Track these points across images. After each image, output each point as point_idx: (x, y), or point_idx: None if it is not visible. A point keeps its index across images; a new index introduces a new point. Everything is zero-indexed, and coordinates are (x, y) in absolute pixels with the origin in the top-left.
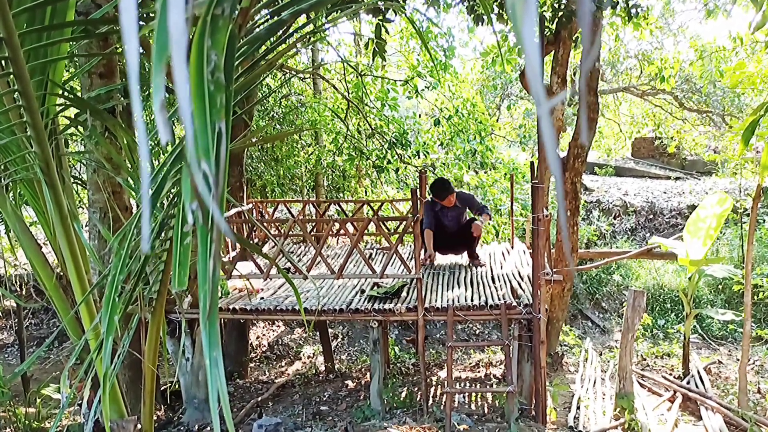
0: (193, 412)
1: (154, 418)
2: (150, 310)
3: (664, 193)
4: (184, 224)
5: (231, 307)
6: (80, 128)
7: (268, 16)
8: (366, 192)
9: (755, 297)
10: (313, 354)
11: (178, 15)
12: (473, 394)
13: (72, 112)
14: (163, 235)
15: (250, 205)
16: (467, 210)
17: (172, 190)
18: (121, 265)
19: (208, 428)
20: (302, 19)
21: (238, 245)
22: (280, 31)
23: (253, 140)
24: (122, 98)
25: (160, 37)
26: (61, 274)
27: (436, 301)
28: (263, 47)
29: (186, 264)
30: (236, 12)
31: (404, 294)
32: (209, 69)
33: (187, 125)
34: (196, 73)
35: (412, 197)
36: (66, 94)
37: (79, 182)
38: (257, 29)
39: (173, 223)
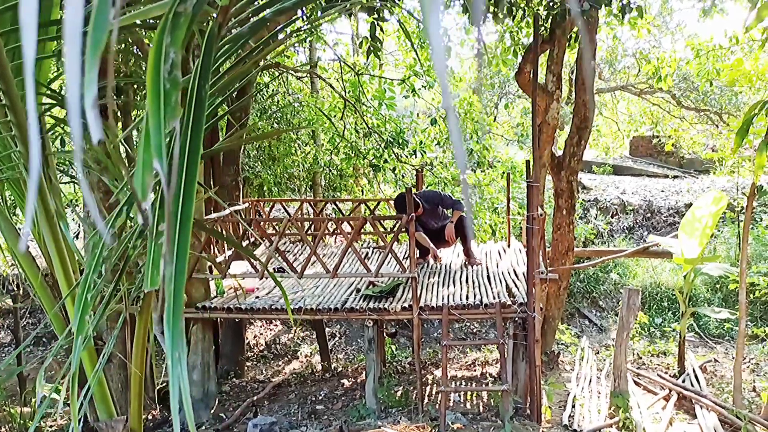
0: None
1: (149, 417)
2: (137, 309)
3: (662, 191)
4: (161, 222)
5: (226, 306)
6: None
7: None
8: (363, 191)
9: (752, 295)
10: (311, 353)
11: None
12: (469, 392)
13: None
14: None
15: (246, 204)
16: (439, 206)
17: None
18: (95, 264)
19: (203, 428)
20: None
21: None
22: (281, 27)
23: (247, 138)
24: (115, 97)
25: (96, 33)
26: (47, 273)
27: (431, 299)
28: (255, 45)
29: (159, 263)
30: (199, 11)
31: (399, 293)
32: (166, 66)
33: (75, 117)
34: (153, 71)
35: (408, 197)
36: (50, 93)
37: (76, 182)
38: (239, 28)
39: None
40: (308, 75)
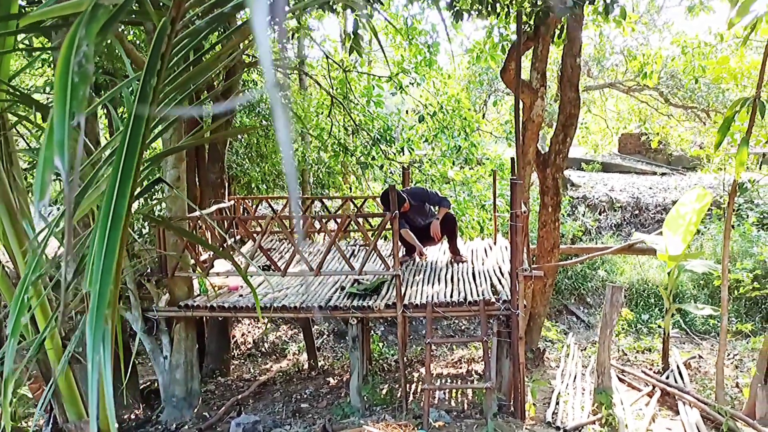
0: (172, 410)
1: (131, 416)
2: None
3: (650, 188)
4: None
5: (209, 304)
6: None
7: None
8: (351, 188)
9: (736, 291)
10: (299, 351)
11: None
12: (453, 390)
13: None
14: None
15: (232, 202)
16: (426, 203)
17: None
18: (35, 264)
19: (186, 427)
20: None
21: (218, 243)
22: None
23: (224, 132)
24: (93, 94)
25: None
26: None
27: (415, 297)
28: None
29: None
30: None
31: (384, 291)
32: (77, 59)
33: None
34: (63, 63)
35: (391, 193)
36: (11, 89)
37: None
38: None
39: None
40: (296, 72)
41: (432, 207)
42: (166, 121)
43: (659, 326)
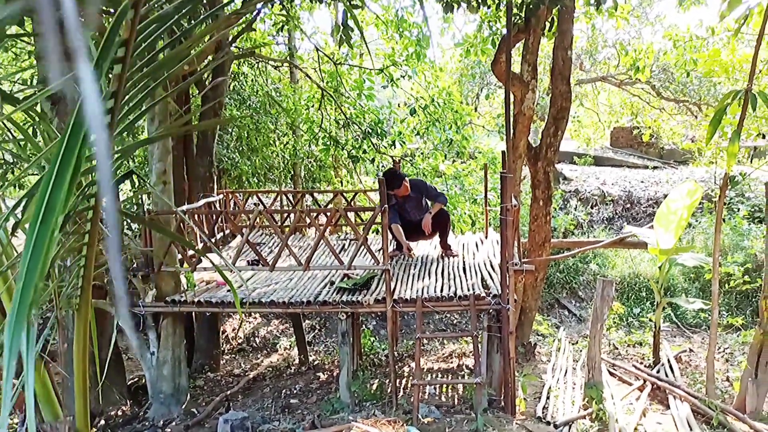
0: (159, 407)
1: (119, 413)
2: (74, 306)
3: (642, 182)
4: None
5: (197, 300)
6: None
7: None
8: (342, 182)
9: (727, 285)
10: (290, 345)
11: None
12: (444, 385)
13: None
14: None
15: (221, 196)
16: (424, 197)
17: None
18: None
19: (173, 423)
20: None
21: (206, 236)
22: (220, 7)
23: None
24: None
25: None
26: None
27: (405, 292)
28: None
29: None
30: None
31: (374, 285)
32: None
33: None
34: None
35: (380, 187)
36: None
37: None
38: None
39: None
40: (287, 65)
41: (428, 202)
42: (136, 111)
43: (650, 320)
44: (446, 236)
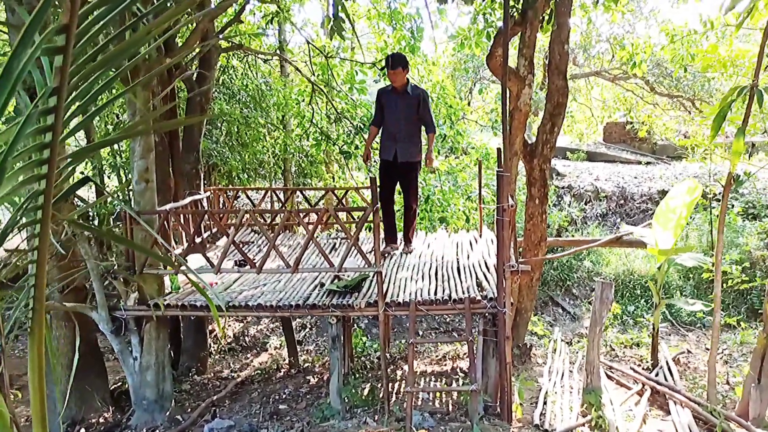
0: (142, 413)
1: (101, 420)
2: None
3: (635, 178)
4: None
5: (180, 303)
6: None
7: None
8: (334, 178)
9: (724, 284)
10: (280, 345)
11: None
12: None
13: None
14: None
15: (209, 194)
16: (418, 109)
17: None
18: None
19: (157, 431)
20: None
21: (190, 238)
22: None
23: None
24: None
25: None
26: None
27: (398, 295)
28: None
29: None
30: None
31: (365, 287)
32: None
33: None
34: None
35: (371, 185)
36: None
37: None
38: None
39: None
40: (276, 58)
41: (420, 121)
42: (86, 111)
43: (647, 320)
44: (410, 229)
